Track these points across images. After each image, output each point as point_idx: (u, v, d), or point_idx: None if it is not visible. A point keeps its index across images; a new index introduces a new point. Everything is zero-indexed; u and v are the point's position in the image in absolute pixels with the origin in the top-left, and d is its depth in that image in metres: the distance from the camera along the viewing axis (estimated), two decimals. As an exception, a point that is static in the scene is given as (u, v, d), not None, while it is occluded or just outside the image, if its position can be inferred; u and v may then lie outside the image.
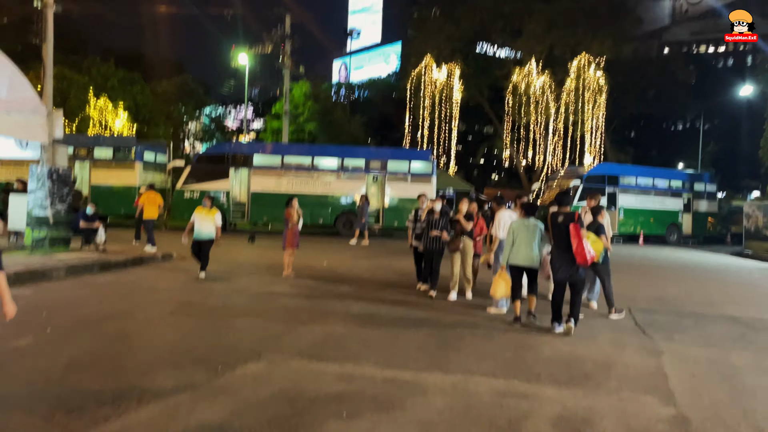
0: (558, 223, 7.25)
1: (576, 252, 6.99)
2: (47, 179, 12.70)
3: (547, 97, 28.95)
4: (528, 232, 7.60)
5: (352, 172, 23.60)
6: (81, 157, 24.14)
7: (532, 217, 7.75)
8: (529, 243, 7.56)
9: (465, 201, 9.60)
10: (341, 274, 12.14)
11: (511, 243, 7.66)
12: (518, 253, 7.60)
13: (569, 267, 7.14)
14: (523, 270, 7.75)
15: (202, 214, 10.68)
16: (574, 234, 7.01)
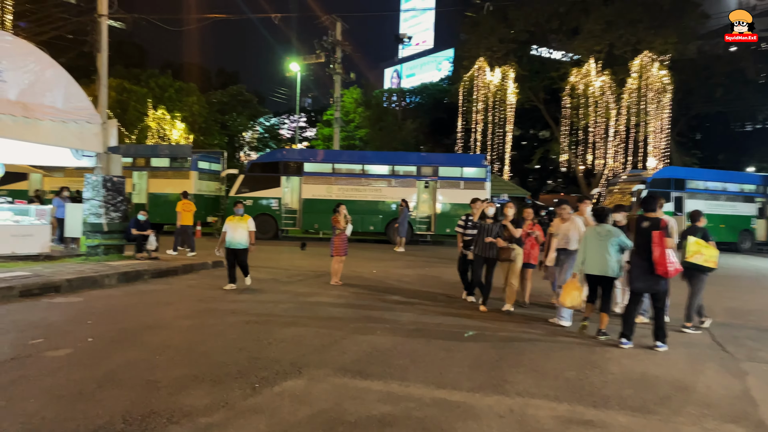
0: (642, 228, 6.72)
1: (657, 261, 6.41)
2: (101, 188, 12.87)
3: (607, 98, 27.72)
4: (599, 240, 7.10)
5: (403, 178, 23.26)
6: (139, 167, 24.80)
7: (605, 224, 7.24)
8: (601, 251, 7.04)
9: (511, 205, 9.07)
10: (390, 282, 11.74)
11: (583, 251, 7.24)
12: (590, 261, 7.14)
13: (648, 277, 6.55)
14: (596, 280, 7.23)
15: (234, 222, 10.35)
16: (658, 242, 6.43)
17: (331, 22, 27.26)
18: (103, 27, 12.98)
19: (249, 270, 10.65)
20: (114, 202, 13.13)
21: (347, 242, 11.42)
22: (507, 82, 29.25)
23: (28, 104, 11.28)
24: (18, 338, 6.15)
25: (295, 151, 27.13)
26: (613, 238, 7.02)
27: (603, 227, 7.19)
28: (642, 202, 7.04)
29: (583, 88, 27.97)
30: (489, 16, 31.93)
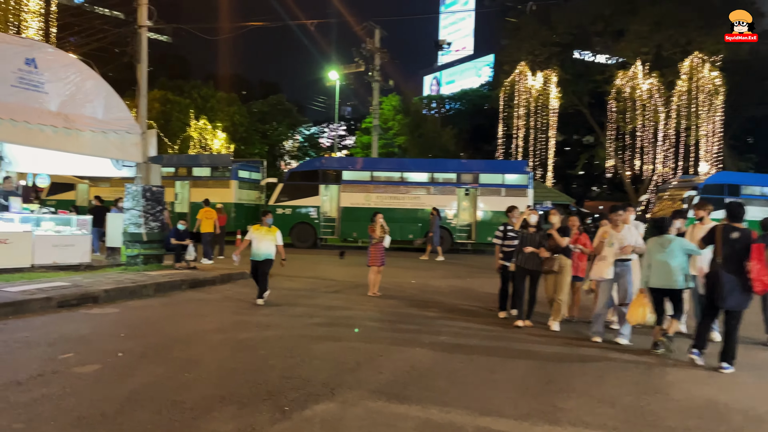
0: (731, 240, 6.16)
1: (755, 278, 5.88)
2: (141, 197, 12.91)
3: (656, 101, 26.68)
4: (663, 251, 6.66)
5: (442, 185, 22.83)
6: (181, 176, 25.11)
7: (666, 234, 6.79)
8: (665, 263, 6.61)
9: (555, 213, 8.41)
10: (429, 294, 11.35)
11: (648, 264, 6.81)
12: (654, 274, 6.70)
13: (741, 293, 6.04)
14: (663, 294, 6.77)
15: (260, 232, 9.57)
16: (757, 257, 5.89)
17: (370, 30, 27.14)
18: (143, 38, 13.08)
19: (267, 288, 9.81)
20: (153, 212, 13.15)
21: (384, 252, 11.10)
22: (549, 86, 28.51)
23: (69, 115, 11.40)
24: (48, 352, 6.02)
25: (334, 160, 27.04)
26: (677, 248, 6.61)
27: (665, 238, 6.77)
28: (728, 211, 6.49)
29: (630, 91, 26.99)
30: (531, 19, 31.24)
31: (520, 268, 8.26)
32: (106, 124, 12.12)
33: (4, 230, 10.92)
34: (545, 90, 28.77)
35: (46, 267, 11.48)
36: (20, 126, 10.50)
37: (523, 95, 28.95)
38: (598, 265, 7.61)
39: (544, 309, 8.60)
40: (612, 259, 7.47)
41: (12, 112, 10.32)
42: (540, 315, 8.49)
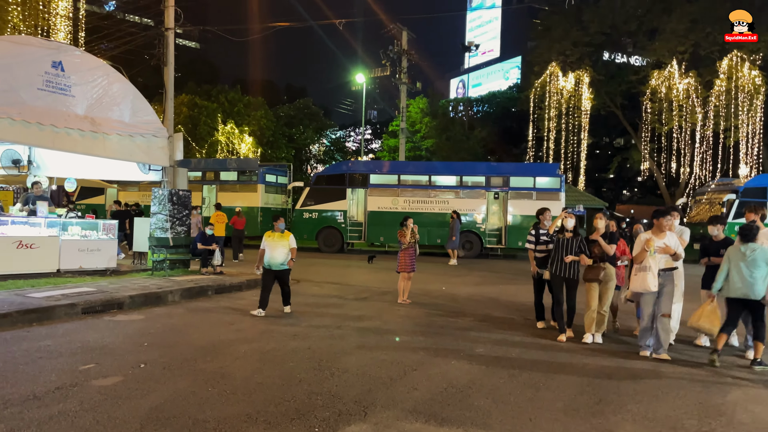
0: None
1: None
2: (168, 202, 12.77)
3: (693, 101, 25.78)
4: (746, 260, 6.28)
5: (471, 189, 22.37)
6: (209, 181, 25.11)
7: (752, 242, 6.37)
8: (747, 272, 6.25)
9: (600, 217, 7.77)
10: (462, 302, 10.92)
11: (726, 273, 6.47)
12: (734, 284, 6.35)
13: None
14: (741, 304, 6.40)
15: (273, 239, 9.04)
16: None
17: (397, 32, 26.85)
18: (170, 40, 12.96)
19: (290, 296, 9.34)
20: (180, 216, 13.01)
21: (415, 257, 10.73)
22: (581, 87, 27.81)
23: (96, 119, 11.31)
24: (69, 363, 5.79)
25: (361, 163, 26.79)
26: (761, 257, 6.25)
27: (749, 246, 6.36)
28: None
29: (666, 92, 26.14)
30: (562, 19, 30.59)
31: (556, 277, 7.64)
32: (133, 128, 12.02)
33: (31, 235, 10.85)
34: (577, 91, 28.05)
35: (72, 272, 11.38)
36: (47, 130, 10.44)
37: (554, 96, 28.29)
38: (640, 276, 6.83)
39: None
40: (656, 269, 6.80)
41: (39, 116, 10.25)
42: (581, 326, 8.00)
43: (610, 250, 7.49)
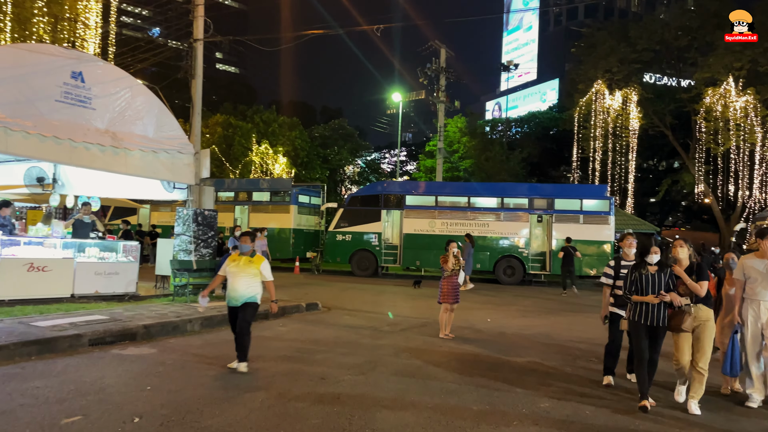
0: None
1: None
2: (192, 222, 11.99)
3: (752, 120, 24.10)
4: None
5: (513, 211, 21.15)
6: (241, 201, 24.53)
7: None
8: None
9: (681, 244, 5.99)
10: (512, 338, 9.72)
11: None
12: None
13: None
14: None
15: (238, 264, 6.69)
16: None
17: (436, 49, 26.03)
18: (199, 52, 12.31)
19: (247, 351, 6.68)
20: (205, 238, 12.19)
21: (459, 287, 9.61)
22: (629, 105, 26.40)
23: (118, 133, 10.62)
24: (52, 414, 4.86)
25: (396, 184, 25.84)
26: None
27: None
28: None
29: (722, 110, 24.54)
30: (607, 36, 29.33)
31: (638, 325, 5.79)
32: (157, 143, 11.30)
33: (43, 257, 10.14)
34: (624, 110, 26.66)
35: (87, 297, 10.61)
36: (64, 144, 9.76)
37: (599, 115, 26.95)
38: (749, 307, 5.93)
39: (664, 371, 6.83)
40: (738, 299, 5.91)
41: (56, 130, 9.59)
42: (661, 384, 6.71)
43: (699, 289, 5.76)
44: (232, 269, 6.74)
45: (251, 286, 6.69)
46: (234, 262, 6.77)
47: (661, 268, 5.82)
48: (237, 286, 6.66)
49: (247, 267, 6.70)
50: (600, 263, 20.16)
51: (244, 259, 6.76)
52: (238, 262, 6.74)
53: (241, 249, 6.84)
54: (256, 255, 6.87)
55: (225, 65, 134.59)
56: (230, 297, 6.76)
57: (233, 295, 6.70)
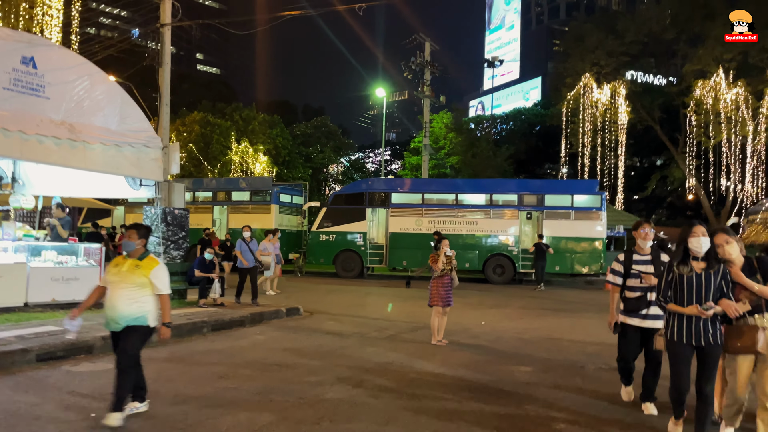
0: None
1: None
2: (161, 222, 11.05)
3: (743, 112, 23.63)
4: None
5: (502, 208, 20.43)
6: (220, 201, 23.56)
7: None
8: None
9: (728, 239, 4.41)
10: (511, 342, 8.93)
11: None
12: None
13: None
14: None
15: (119, 271, 4.78)
16: None
17: (420, 43, 25.27)
18: (166, 38, 11.36)
19: (126, 394, 4.73)
20: (175, 239, 11.27)
21: (452, 288, 8.78)
22: (617, 99, 25.85)
23: (75, 125, 9.64)
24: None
25: (381, 181, 25.01)
26: None
27: None
28: None
29: (712, 103, 24.05)
30: (594, 28, 28.78)
31: (676, 344, 4.31)
32: (121, 136, 10.33)
33: (-10, 261, 9.15)
34: (613, 104, 26.11)
35: (43, 306, 9.62)
36: (14, 137, 8.76)
37: (588, 110, 26.38)
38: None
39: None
40: None
41: (3, 121, 8.59)
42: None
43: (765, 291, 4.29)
44: (111, 278, 4.79)
45: (137, 302, 4.69)
46: (115, 268, 4.81)
47: (709, 264, 4.24)
48: (116, 302, 4.68)
49: (130, 275, 4.71)
50: (592, 261, 19.54)
51: (128, 264, 4.77)
52: (120, 268, 4.77)
53: (125, 247, 4.85)
54: (148, 257, 4.86)
55: (206, 66, 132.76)
56: (108, 318, 4.76)
57: (111, 314, 4.72)
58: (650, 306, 5.22)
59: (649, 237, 5.41)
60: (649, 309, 5.24)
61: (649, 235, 5.38)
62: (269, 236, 14.82)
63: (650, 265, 5.29)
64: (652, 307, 5.21)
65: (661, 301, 4.44)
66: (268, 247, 14.51)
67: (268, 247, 14.51)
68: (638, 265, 5.32)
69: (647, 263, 5.32)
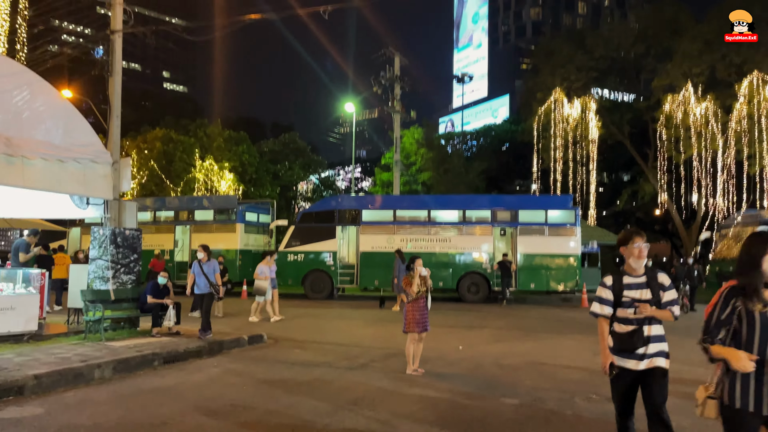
0: None
1: None
2: (110, 244, 10.13)
3: (712, 126, 23.70)
4: None
5: (475, 225, 19.91)
6: (182, 221, 22.55)
7: None
8: None
9: None
10: (492, 370, 8.26)
11: None
12: None
13: None
14: None
15: None
16: None
17: (390, 57, 24.81)
18: (117, 45, 10.53)
19: None
20: (126, 262, 10.34)
21: (427, 311, 8.08)
22: (588, 114, 25.77)
23: (13, 138, 8.69)
24: None
25: (352, 198, 24.30)
26: None
27: None
28: None
29: (682, 117, 24.09)
30: (563, 43, 28.80)
31: (744, 415, 3.03)
32: (65, 151, 9.40)
33: None
34: (583, 119, 26.05)
35: (-28, 339, 8.61)
36: (-62, 151, 7.84)
37: (559, 125, 26.24)
38: None
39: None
40: None
41: (-74, 133, 7.69)
42: None
43: None
44: None
45: None
46: None
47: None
48: None
49: None
50: (568, 278, 19.09)
51: None
52: None
53: None
54: None
55: (173, 84, 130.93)
56: None
57: None
58: (649, 343, 3.95)
59: (644, 254, 4.12)
60: (648, 347, 3.94)
61: (643, 252, 4.10)
62: (267, 258, 13.89)
63: (645, 290, 4.03)
64: (652, 344, 3.96)
65: (707, 343, 3.14)
66: (265, 271, 13.54)
67: (265, 270, 13.55)
68: (631, 290, 4.06)
69: (641, 287, 4.05)
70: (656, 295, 3.98)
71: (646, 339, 3.95)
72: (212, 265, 10.65)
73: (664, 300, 4.00)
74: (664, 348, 3.98)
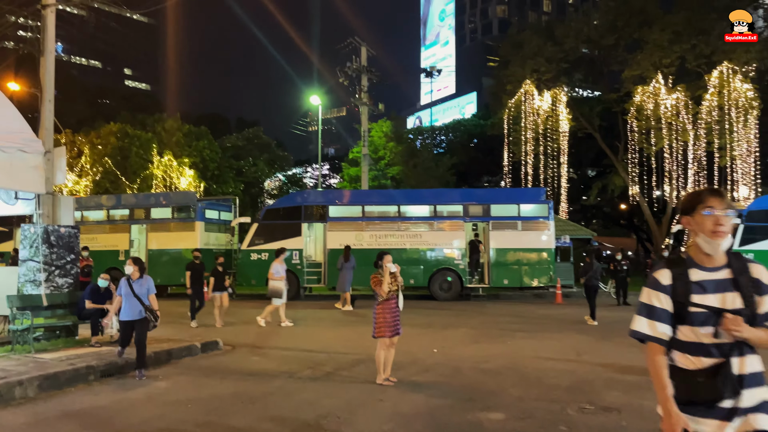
0: None
1: None
2: (42, 243, 9.00)
3: (683, 118, 23.46)
4: None
5: (446, 219, 19.17)
6: (137, 220, 21.24)
7: None
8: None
9: None
10: (471, 375, 7.46)
11: None
12: None
13: None
14: None
15: None
16: None
17: (356, 47, 23.90)
18: (49, 21, 9.39)
19: None
20: (61, 264, 9.23)
21: (399, 313, 7.23)
22: (558, 107, 25.31)
23: None
24: None
25: (318, 193, 23.30)
26: None
27: None
28: None
29: (653, 108, 23.79)
30: (533, 35, 28.30)
31: None
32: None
33: None
34: (554, 111, 25.60)
35: None
36: None
37: (529, 117, 25.74)
38: None
39: None
40: None
41: None
42: None
43: None
44: None
45: None
46: None
47: None
48: None
49: None
50: (542, 273, 18.51)
51: None
52: None
53: None
54: None
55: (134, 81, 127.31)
56: None
57: None
58: (742, 388, 2.27)
59: (727, 229, 2.32)
60: (741, 396, 2.26)
61: (725, 224, 2.31)
62: (281, 256, 12.70)
63: (733, 293, 2.33)
64: (747, 390, 2.27)
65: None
66: (280, 270, 12.32)
67: (280, 269, 12.33)
68: (706, 293, 2.33)
69: (725, 287, 2.34)
70: (750, 303, 2.29)
71: (738, 381, 2.25)
72: (146, 284, 7.74)
73: (762, 310, 2.31)
74: (765, 396, 2.30)
